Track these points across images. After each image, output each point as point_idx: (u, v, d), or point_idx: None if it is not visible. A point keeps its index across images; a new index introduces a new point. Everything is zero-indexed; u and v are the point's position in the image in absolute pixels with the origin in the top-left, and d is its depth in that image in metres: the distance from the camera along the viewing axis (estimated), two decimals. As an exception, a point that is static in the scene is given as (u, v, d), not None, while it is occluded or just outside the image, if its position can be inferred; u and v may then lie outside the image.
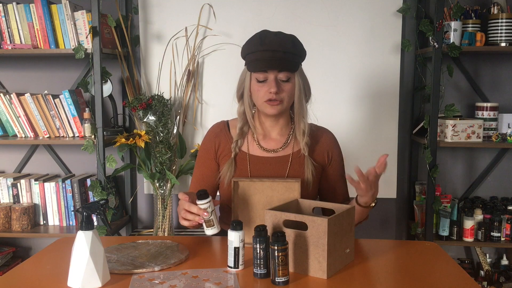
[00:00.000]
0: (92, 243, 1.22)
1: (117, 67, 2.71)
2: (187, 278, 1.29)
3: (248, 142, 1.66)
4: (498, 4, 2.49)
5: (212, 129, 1.73)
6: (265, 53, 1.52)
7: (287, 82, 1.56)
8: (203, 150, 1.71)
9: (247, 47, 1.58)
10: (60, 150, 2.90)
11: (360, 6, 2.64)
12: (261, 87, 1.56)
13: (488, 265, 2.68)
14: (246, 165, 1.63)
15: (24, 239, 2.93)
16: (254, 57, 1.55)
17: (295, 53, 1.55)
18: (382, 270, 1.39)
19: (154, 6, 2.70)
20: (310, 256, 1.29)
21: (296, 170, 1.63)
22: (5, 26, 2.51)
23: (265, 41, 1.53)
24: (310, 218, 1.29)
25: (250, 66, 1.57)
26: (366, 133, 2.71)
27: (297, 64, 1.58)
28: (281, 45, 1.52)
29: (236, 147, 1.64)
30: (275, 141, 1.66)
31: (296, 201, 1.50)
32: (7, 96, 2.60)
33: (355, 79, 2.69)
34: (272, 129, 1.66)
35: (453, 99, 2.71)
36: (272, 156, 1.64)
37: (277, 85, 1.54)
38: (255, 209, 1.53)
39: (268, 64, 1.53)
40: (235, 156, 1.64)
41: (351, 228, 1.38)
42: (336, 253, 1.31)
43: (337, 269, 1.33)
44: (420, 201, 2.69)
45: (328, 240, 1.26)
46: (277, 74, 1.54)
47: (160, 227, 2.63)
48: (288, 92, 1.57)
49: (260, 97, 1.56)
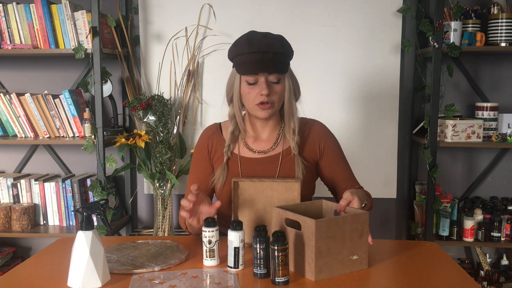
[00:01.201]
0: (92, 243, 1.22)
1: (117, 67, 2.71)
2: (187, 278, 1.29)
3: (239, 144, 1.65)
4: (498, 4, 2.49)
5: (204, 132, 1.73)
6: (254, 55, 1.50)
7: (277, 84, 1.54)
8: (197, 153, 1.71)
9: (234, 49, 1.56)
10: (60, 150, 2.90)
11: (360, 6, 2.64)
12: (251, 90, 1.54)
13: (488, 265, 2.68)
14: (237, 167, 1.63)
15: (24, 239, 2.93)
16: (243, 60, 1.52)
17: (284, 53, 1.54)
18: (382, 270, 1.38)
19: (154, 6, 2.71)
20: (303, 257, 1.29)
21: (286, 169, 1.61)
22: (5, 26, 2.51)
23: (253, 42, 1.50)
24: (302, 219, 1.28)
25: (239, 68, 1.55)
26: (366, 133, 2.71)
27: (286, 65, 1.56)
28: (270, 46, 1.50)
29: (228, 151, 1.63)
30: (265, 142, 1.65)
31: (321, 202, 1.49)
32: (7, 96, 2.60)
33: (355, 79, 2.69)
34: (263, 130, 1.65)
35: (453, 99, 2.71)
36: (262, 156, 1.63)
37: (268, 87, 1.52)
38: (255, 209, 1.53)
39: (258, 67, 1.50)
40: (227, 160, 1.63)
41: (362, 235, 1.32)
42: (331, 257, 1.28)
43: (334, 274, 1.29)
44: (420, 201, 2.69)
45: (317, 242, 1.24)
46: (268, 76, 1.52)
47: (160, 227, 2.63)
48: (279, 94, 1.55)
49: (251, 100, 1.54)
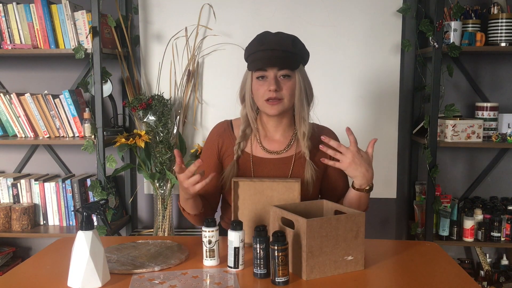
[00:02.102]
0: (92, 243, 1.22)
1: (117, 67, 2.71)
2: (187, 278, 1.29)
3: (252, 144, 1.65)
4: (498, 4, 2.49)
5: (215, 129, 1.72)
6: (264, 52, 1.54)
7: (287, 80, 1.55)
8: (207, 149, 1.70)
9: (248, 49, 1.60)
10: (60, 150, 2.90)
11: (360, 6, 2.64)
12: (261, 86, 1.56)
13: (488, 265, 2.68)
14: (250, 166, 1.63)
15: (24, 239, 2.93)
16: (253, 57, 1.56)
17: (295, 52, 1.56)
18: (382, 270, 1.38)
19: (154, 6, 2.70)
20: (297, 255, 1.29)
21: (298, 172, 1.63)
22: (5, 26, 2.51)
23: (264, 41, 1.55)
24: (295, 218, 1.28)
25: (250, 65, 1.58)
26: (366, 133, 2.70)
27: (296, 62, 1.57)
28: (280, 44, 1.53)
29: (239, 149, 1.63)
30: (278, 143, 1.66)
31: (321, 202, 1.50)
32: (7, 96, 2.60)
33: (355, 79, 2.68)
34: (276, 130, 1.65)
35: (453, 99, 2.71)
36: (275, 157, 1.64)
37: (276, 83, 1.53)
38: (255, 209, 1.53)
39: (267, 62, 1.53)
40: (237, 158, 1.63)
41: (357, 235, 1.33)
42: (324, 257, 1.28)
43: (327, 273, 1.29)
44: (420, 201, 2.69)
45: (308, 241, 1.25)
46: (277, 72, 1.54)
47: (160, 227, 2.63)
48: (289, 90, 1.56)
49: (260, 96, 1.56)
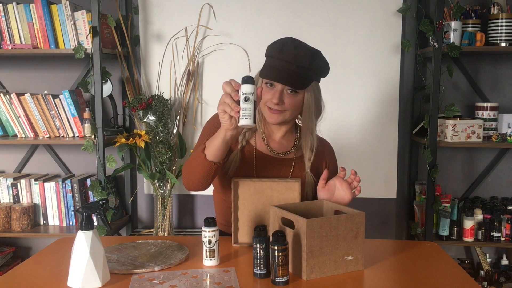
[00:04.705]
0: (92, 243, 1.22)
1: (117, 67, 2.71)
2: (187, 278, 1.29)
3: (256, 139, 1.65)
4: (498, 4, 2.49)
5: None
6: (280, 61, 1.50)
7: (294, 95, 1.53)
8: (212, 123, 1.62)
9: (269, 49, 1.56)
10: (60, 150, 2.90)
11: (360, 6, 2.64)
12: (267, 92, 1.54)
13: (488, 265, 2.68)
14: (252, 158, 1.62)
15: (24, 239, 2.93)
16: (269, 63, 1.54)
17: (310, 68, 1.51)
18: (382, 270, 1.38)
19: (154, 6, 2.71)
20: (297, 255, 1.29)
21: (298, 175, 1.63)
22: (5, 26, 2.51)
23: (284, 50, 1.50)
24: (295, 218, 1.28)
25: (262, 70, 1.56)
26: (366, 133, 2.71)
27: (308, 80, 1.53)
28: (297, 58, 1.49)
29: (244, 139, 1.63)
30: (279, 144, 1.66)
31: (322, 202, 1.50)
32: (7, 96, 2.60)
33: (355, 79, 2.68)
34: (277, 130, 1.65)
35: (453, 99, 2.71)
36: (276, 156, 1.63)
37: (280, 97, 1.51)
38: (255, 209, 1.53)
39: (276, 75, 1.50)
40: (242, 148, 1.62)
41: (357, 235, 1.32)
42: (325, 257, 1.28)
43: (327, 273, 1.29)
44: (420, 201, 2.69)
45: (308, 241, 1.25)
46: (284, 86, 1.52)
47: (160, 227, 2.63)
48: (293, 105, 1.54)
49: (264, 101, 1.55)
